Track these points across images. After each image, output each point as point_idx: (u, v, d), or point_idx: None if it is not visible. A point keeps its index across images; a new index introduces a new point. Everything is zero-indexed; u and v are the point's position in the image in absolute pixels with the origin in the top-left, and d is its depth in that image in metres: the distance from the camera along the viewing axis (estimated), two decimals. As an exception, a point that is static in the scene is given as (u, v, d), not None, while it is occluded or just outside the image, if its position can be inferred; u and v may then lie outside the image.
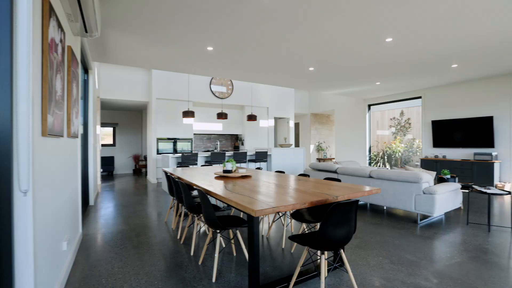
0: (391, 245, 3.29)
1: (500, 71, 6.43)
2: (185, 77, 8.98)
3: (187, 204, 3.08)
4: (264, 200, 2.06)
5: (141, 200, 5.86)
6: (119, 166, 11.05)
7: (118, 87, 8.39)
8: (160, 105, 8.71)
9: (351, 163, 6.20)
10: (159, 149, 8.66)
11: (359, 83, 7.64)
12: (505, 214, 4.67)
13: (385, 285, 2.37)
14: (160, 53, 5.00)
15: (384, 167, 10.75)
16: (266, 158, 8.38)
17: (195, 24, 3.80)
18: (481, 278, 2.50)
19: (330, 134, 13.65)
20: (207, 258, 2.93)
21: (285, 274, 2.60)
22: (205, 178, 3.44)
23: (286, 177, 3.55)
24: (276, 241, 3.45)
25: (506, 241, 3.41)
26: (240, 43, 4.55)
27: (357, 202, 1.97)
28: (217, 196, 2.38)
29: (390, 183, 4.45)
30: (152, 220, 4.37)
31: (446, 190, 4.17)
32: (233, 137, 10.96)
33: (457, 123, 7.61)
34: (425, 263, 2.79)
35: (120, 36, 4.20)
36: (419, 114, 9.89)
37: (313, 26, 3.88)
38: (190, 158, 7.19)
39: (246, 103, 10.20)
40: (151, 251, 3.13)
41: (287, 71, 6.33)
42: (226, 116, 7.88)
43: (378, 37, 4.28)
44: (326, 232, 1.89)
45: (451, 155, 7.82)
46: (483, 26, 3.88)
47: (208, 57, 5.25)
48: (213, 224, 2.50)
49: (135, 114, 11.49)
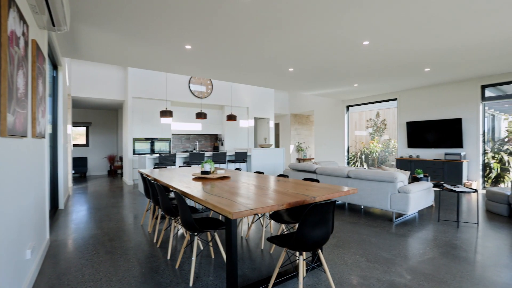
0: (367, 243, 3.36)
1: (468, 76, 6.76)
2: (163, 75, 8.77)
3: (163, 207, 2.98)
4: (242, 202, 2.03)
5: (116, 202, 5.65)
6: (93, 167, 10.62)
7: (91, 85, 8.05)
8: (137, 104, 8.45)
9: (330, 163, 6.29)
10: (136, 149, 8.39)
11: (337, 85, 7.78)
12: (472, 210, 4.91)
13: (362, 283, 2.41)
14: (136, 50, 4.84)
15: (361, 167, 11.03)
16: (246, 159, 8.34)
17: (172, 21, 3.70)
18: (450, 273, 2.59)
19: (310, 135, 13.83)
20: (185, 262, 2.86)
21: (264, 276, 2.58)
22: (183, 180, 3.35)
23: (265, 178, 3.53)
24: (256, 242, 3.42)
25: (472, 237, 3.58)
26: (219, 42, 4.48)
27: (334, 202, 1.97)
28: (194, 198, 2.32)
29: (367, 182, 4.55)
30: (128, 223, 4.22)
31: (419, 189, 4.32)
32: (213, 137, 10.84)
33: (429, 124, 7.93)
34: (400, 260, 2.87)
35: (93, 31, 4.02)
36: (394, 115, 10.22)
37: (293, 28, 3.89)
38: (168, 159, 7.02)
39: (226, 103, 10.12)
40: (126, 256, 3.01)
41: (267, 71, 6.32)
42: (205, 116, 7.77)
43: (356, 40, 4.36)
44: (304, 233, 1.88)
45: (424, 155, 8.14)
46: (453, 34, 4.06)
47: (186, 55, 5.14)
48: (190, 226, 2.43)
49: (110, 113, 11.09)
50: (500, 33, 4.12)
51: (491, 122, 7.87)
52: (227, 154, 8.37)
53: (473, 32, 4.09)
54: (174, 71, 6.28)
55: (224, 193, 2.41)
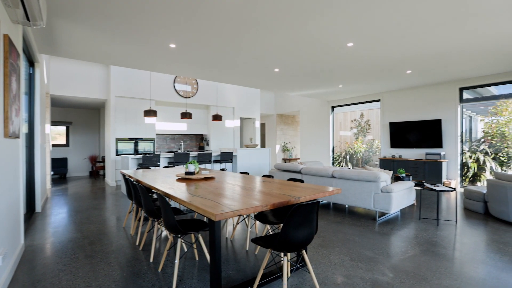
0: (351, 242, 3.40)
1: (447, 79, 6.98)
2: (147, 74, 8.60)
3: (146, 209, 2.91)
4: (226, 203, 2.00)
5: (97, 204, 5.48)
6: (74, 168, 10.29)
7: (71, 83, 7.79)
8: (120, 103, 8.24)
9: (315, 163, 6.34)
10: (119, 149, 8.19)
11: (323, 85, 7.86)
12: (451, 208, 5.06)
13: (346, 282, 2.42)
14: (118, 48, 4.71)
15: (346, 166, 11.20)
16: (232, 159, 8.29)
17: (155, 19, 3.62)
18: (430, 270, 2.66)
19: (296, 135, 13.92)
20: (168, 265, 2.80)
21: (248, 277, 2.56)
22: (166, 181, 3.28)
23: (250, 178, 3.51)
24: (240, 244, 3.39)
25: (451, 234, 3.68)
26: (205, 41, 4.43)
27: (318, 203, 1.98)
28: (177, 200, 2.27)
29: (351, 182, 4.61)
30: (109, 226, 4.10)
31: (401, 188, 4.41)
32: (198, 137, 10.72)
33: (411, 125, 8.13)
34: (382, 259, 2.91)
35: (72, 28, 3.87)
36: (378, 116, 10.43)
37: (278, 28, 3.89)
38: (152, 159, 6.88)
39: (211, 103, 10.03)
40: (106, 259, 2.92)
41: (252, 71, 6.31)
42: (190, 116, 7.67)
43: (340, 41, 4.41)
44: (288, 234, 1.88)
45: (406, 155, 8.34)
46: (433, 38, 4.17)
47: (170, 54, 5.05)
48: (173, 229, 2.38)
49: (92, 112, 10.78)
50: (476, 38, 4.27)
51: (469, 123, 8.17)
52: (213, 154, 8.30)
53: (452, 37, 4.22)
54: (158, 70, 6.16)
55: (208, 194, 2.37)
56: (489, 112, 8.01)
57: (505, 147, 7.57)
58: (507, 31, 4.02)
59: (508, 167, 7.50)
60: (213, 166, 8.30)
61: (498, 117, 7.78)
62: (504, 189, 4.12)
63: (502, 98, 7.16)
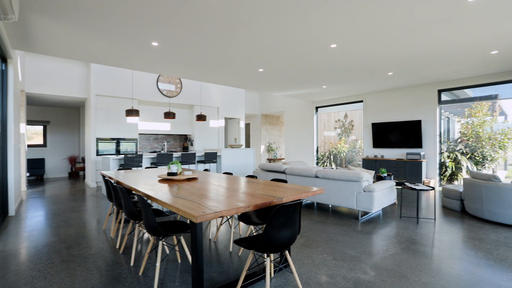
0: (334, 242, 3.43)
1: (427, 81, 7.20)
2: (129, 73, 8.40)
3: (126, 211, 2.83)
4: (208, 204, 1.97)
5: (76, 207, 5.30)
6: (52, 169, 9.92)
7: (49, 81, 7.49)
8: (101, 102, 8.01)
9: (299, 163, 6.38)
10: (100, 150, 7.95)
11: (307, 86, 7.92)
12: (430, 207, 5.22)
13: (328, 281, 2.44)
14: (98, 46, 4.56)
15: (330, 166, 11.35)
16: (216, 159, 8.23)
17: (137, 16, 3.53)
18: (410, 267, 2.72)
19: (280, 135, 13.98)
20: (149, 268, 2.73)
21: (232, 279, 2.53)
22: (148, 182, 3.21)
23: (233, 179, 3.48)
24: (224, 245, 3.36)
25: (430, 232, 3.79)
26: (188, 40, 4.36)
27: (300, 203, 1.98)
28: (157, 201, 2.21)
29: (335, 182, 4.66)
30: (88, 229, 3.96)
31: (383, 188, 4.50)
32: (182, 137, 10.58)
33: (393, 125, 8.33)
34: (364, 257, 2.96)
35: (48, 23, 3.72)
36: (361, 116, 10.62)
37: (262, 28, 3.88)
38: (134, 159, 6.72)
39: (195, 103, 9.91)
40: (84, 264, 2.82)
41: (237, 71, 6.27)
42: (174, 115, 7.55)
43: (324, 42, 4.45)
44: (271, 235, 1.87)
45: (388, 155, 8.53)
46: (412, 41, 4.28)
47: (153, 53, 4.94)
48: (154, 231, 2.32)
49: (71, 111, 10.42)
50: (453, 43, 4.42)
51: (446, 124, 8.46)
52: (197, 154, 8.20)
53: (431, 40, 4.34)
54: (141, 68, 6.03)
55: (190, 195, 2.33)
56: (465, 113, 8.32)
57: (480, 147, 7.89)
58: (479, 37, 4.18)
59: (483, 166, 7.82)
60: (197, 166, 8.21)
61: (473, 118, 8.10)
62: (479, 187, 4.28)
63: (477, 100, 7.46)
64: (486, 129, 7.90)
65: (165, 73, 6.48)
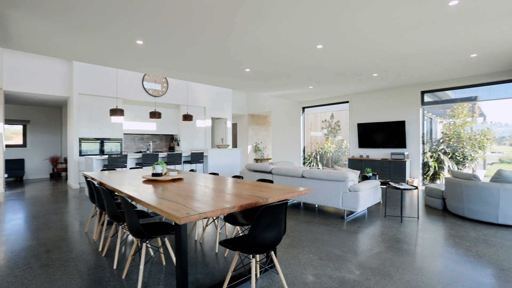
0: (320, 241, 3.46)
1: (410, 82, 7.36)
2: (113, 71, 8.21)
3: (109, 212, 2.76)
4: (192, 205, 1.94)
5: (57, 209, 5.13)
6: (32, 170, 9.59)
7: (29, 79, 7.24)
8: (84, 102, 7.80)
9: (286, 163, 6.40)
10: (83, 150, 7.74)
11: (293, 86, 7.96)
12: (413, 206, 5.33)
13: (314, 281, 2.45)
14: (80, 43, 4.43)
15: (317, 166, 11.45)
16: (202, 159, 8.16)
17: (121, 13, 3.44)
18: (394, 266, 2.77)
19: (267, 135, 14.00)
20: (133, 271, 2.67)
21: (217, 280, 2.51)
22: (132, 183, 3.14)
23: (219, 179, 3.45)
24: (210, 246, 3.33)
25: (413, 230, 3.88)
26: (173, 39, 4.30)
27: (286, 203, 1.97)
28: (141, 203, 2.17)
29: (321, 182, 4.70)
30: (70, 231, 3.85)
31: (368, 187, 4.57)
32: (168, 137, 10.43)
33: (378, 126, 8.48)
34: (350, 256, 2.99)
35: (26, 18, 3.58)
36: (347, 117, 10.76)
37: (248, 28, 3.86)
38: (118, 160, 6.58)
39: (182, 102, 9.80)
40: (65, 268, 2.73)
41: (223, 71, 6.24)
42: (159, 115, 7.43)
43: (310, 43, 4.48)
44: (256, 236, 1.85)
45: (373, 155, 8.68)
46: (396, 43, 4.37)
47: (138, 51, 4.85)
48: (138, 233, 2.27)
49: (53, 110, 10.11)
50: (435, 46, 4.54)
51: (429, 125, 8.68)
52: (183, 155, 8.11)
53: (413, 43, 4.44)
54: (125, 67, 5.90)
55: (175, 196, 2.29)
56: (447, 114, 8.57)
57: (461, 147, 8.14)
58: (460, 40, 4.31)
59: (464, 166, 8.07)
60: (183, 167, 8.11)
61: (455, 119, 8.35)
62: (460, 186, 4.41)
63: (458, 102, 7.69)
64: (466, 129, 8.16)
65: (150, 72, 6.37)
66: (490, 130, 7.87)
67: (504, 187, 3.96)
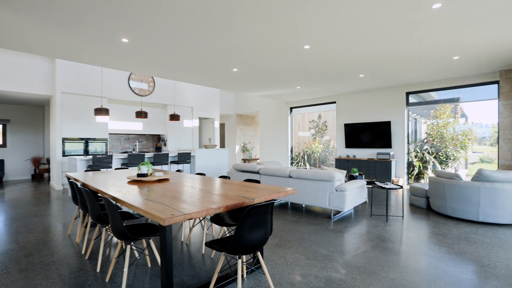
0: (307, 241, 3.47)
1: (395, 83, 7.51)
2: (98, 70, 8.02)
3: (92, 214, 2.69)
4: (177, 206, 1.91)
5: (39, 211, 4.97)
6: (12, 171, 9.27)
7: (8, 76, 6.98)
8: (67, 100, 7.59)
9: (273, 163, 6.41)
10: (66, 150, 7.53)
11: (281, 86, 7.98)
12: (398, 205, 5.44)
13: (301, 281, 2.46)
14: (63, 40, 4.31)
15: (304, 166, 11.52)
16: (190, 160, 8.07)
17: (105, 10, 3.36)
18: (380, 264, 2.81)
19: (255, 135, 13.99)
20: (117, 274, 2.61)
21: (203, 282, 2.48)
22: (116, 183, 3.07)
23: (206, 179, 3.42)
24: (196, 247, 3.29)
25: (398, 229, 3.95)
26: (160, 37, 4.23)
27: (272, 203, 1.97)
28: (124, 204, 2.12)
29: (308, 182, 4.72)
30: (52, 234, 3.73)
31: (354, 187, 4.62)
32: (155, 137, 10.28)
33: (364, 126, 8.61)
34: (336, 256, 3.01)
35: (4, 12, 3.45)
36: (334, 117, 10.88)
37: (236, 28, 3.85)
38: (103, 160, 6.44)
39: (169, 102, 9.67)
40: (45, 272, 2.64)
41: (210, 71, 6.19)
42: (146, 115, 7.31)
43: (297, 44, 4.50)
44: (242, 236, 1.84)
45: (360, 155, 8.80)
46: (382, 44, 4.45)
47: (123, 50, 4.75)
48: (121, 235, 2.22)
49: (35, 109, 9.80)
50: (418, 47, 4.64)
51: (414, 125, 8.88)
52: (170, 155, 8.00)
53: (397, 45, 4.53)
54: (110, 66, 5.78)
55: (160, 197, 2.25)
56: (431, 115, 8.79)
57: (444, 147, 8.36)
58: (443, 43, 4.42)
59: (447, 165, 8.29)
60: (170, 167, 8.01)
61: (438, 120, 8.57)
62: (442, 185, 4.52)
63: (441, 103, 7.90)
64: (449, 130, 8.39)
65: (136, 71, 6.26)
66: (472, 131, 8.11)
67: (485, 186, 4.08)
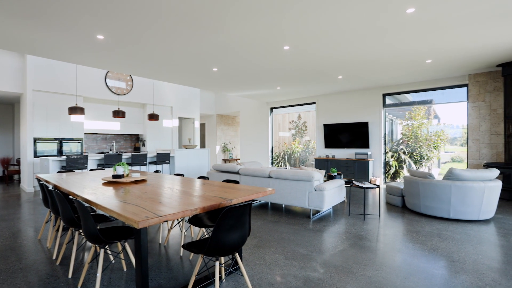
0: (286, 241, 3.49)
1: (373, 85, 7.73)
2: (72, 67, 7.71)
3: (64, 217, 2.58)
4: (153, 208, 1.86)
5: (6, 214, 4.71)
6: (-22, 173, 8.73)
7: (-26, 73, 6.58)
8: (39, 99, 7.24)
9: (254, 163, 6.41)
10: (39, 151, 7.19)
11: (261, 87, 8.00)
12: (375, 203, 5.59)
13: (279, 281, 2.47)
14: (34, 35, 4.10)
15: (284, 166, 11.61)
16: (169, 160, 7.93)
17: (79, 2, 3.23)
18: (357, 262, 2.87)
19: (236, 135, 13.95)
20: (90, 279, 2.51)
21: (181, 285, 2.43)
22: (90, 185, 2.96)
23: (184, 180, 3.37)
24: (174, 249, 3.23)
25: (375, 227, 4.05)
26: (137, 35, 4.12)
27: (250, 204, 1.96)
28: (97, 206, 2.04)
29: (287, 182, 4.76)
30: (21, 239, 3.54)
31: (333, 187, 4.70)
32: (133, 137, 10.02)
33: (343, 127, 8.79)
34: (315, 255, 3.05)
35: (-32, 6, 3.25)
36: (314, 118, 11.03)
37: (215, 27, 3.81)
38: (78, 161, 6.20)
39: (147, 101, 9.45)
40: (11, 280, 2.50)
41: (190, 70, 6.11)
42: (123, 114, 7.11)
43: (277, 44, 4.52)
44: (219, 238, 1.82)
45: (338, 155, 8.98)
46: (357, 47, 4.56)
47: (98, 46, 4.59)
48: (94, 238, 2.13)
49: (4, 108, 9.29)
50: (393, 50, 4.80)
51: (390, 126, 9.18)
52: (149, 155, 7.82)
53: (373, 48, 4.66)
54: (85, 63, 5.56)
55: (135, 199, 2.19)
56: (406, 116, 9.11)
57: (418, 147, 8.69)
58: (416, 46, 4.59)
59: (421, 165, 8.62)
60: (148, 167, 7.83)
61: (413, 121, 8.90)
62: (416, 184, 4.69)
63: (416, 105, 8.21)
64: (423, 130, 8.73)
65: (112, 69, 6.07)
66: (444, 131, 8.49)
67: (455, 184, 4.27)
